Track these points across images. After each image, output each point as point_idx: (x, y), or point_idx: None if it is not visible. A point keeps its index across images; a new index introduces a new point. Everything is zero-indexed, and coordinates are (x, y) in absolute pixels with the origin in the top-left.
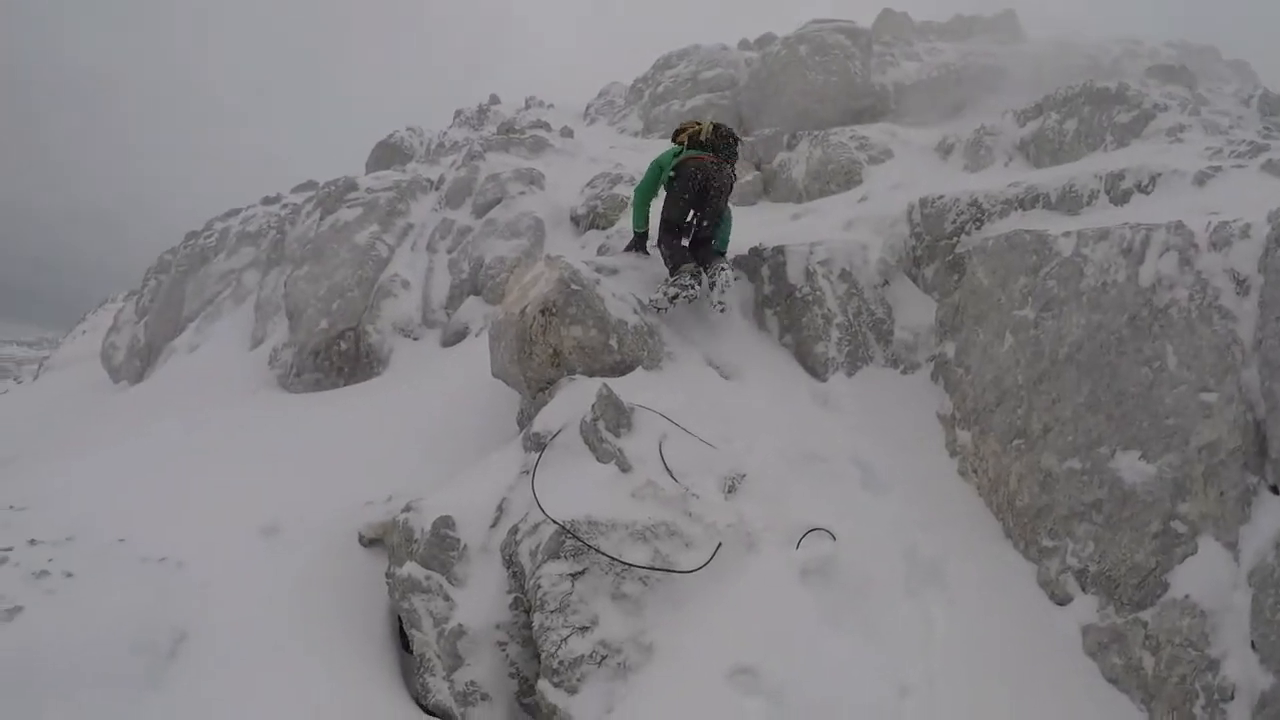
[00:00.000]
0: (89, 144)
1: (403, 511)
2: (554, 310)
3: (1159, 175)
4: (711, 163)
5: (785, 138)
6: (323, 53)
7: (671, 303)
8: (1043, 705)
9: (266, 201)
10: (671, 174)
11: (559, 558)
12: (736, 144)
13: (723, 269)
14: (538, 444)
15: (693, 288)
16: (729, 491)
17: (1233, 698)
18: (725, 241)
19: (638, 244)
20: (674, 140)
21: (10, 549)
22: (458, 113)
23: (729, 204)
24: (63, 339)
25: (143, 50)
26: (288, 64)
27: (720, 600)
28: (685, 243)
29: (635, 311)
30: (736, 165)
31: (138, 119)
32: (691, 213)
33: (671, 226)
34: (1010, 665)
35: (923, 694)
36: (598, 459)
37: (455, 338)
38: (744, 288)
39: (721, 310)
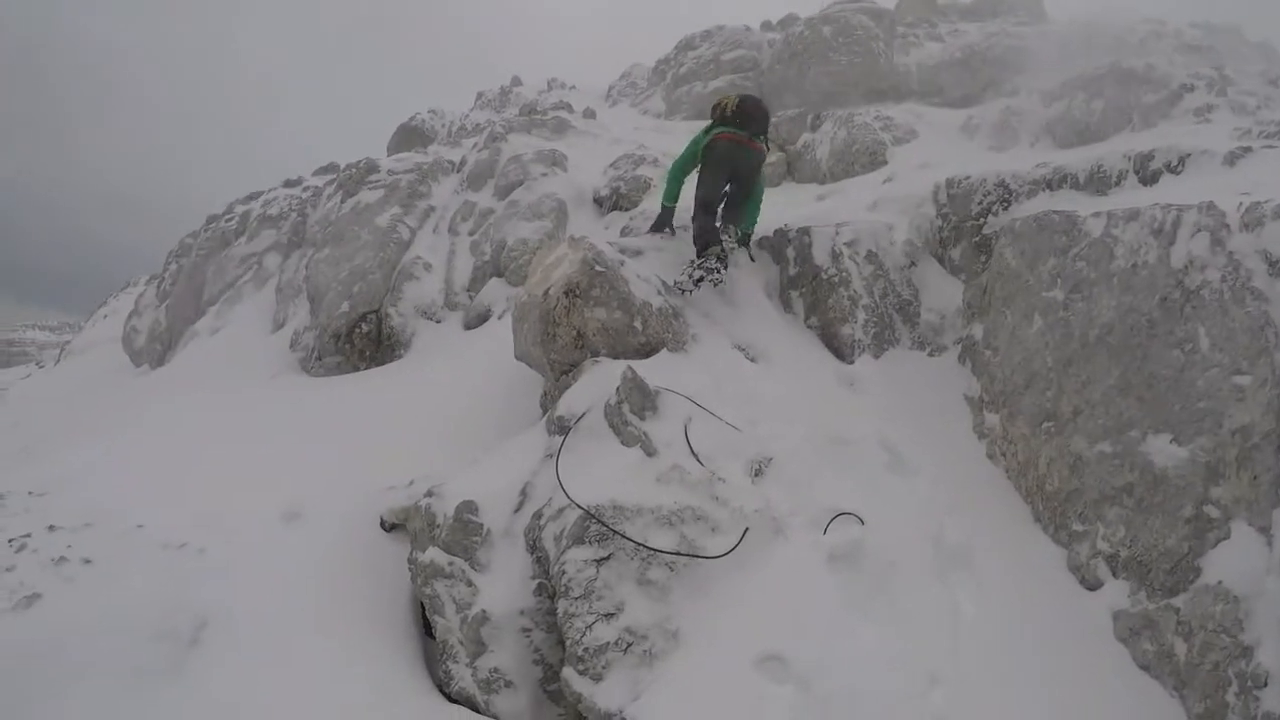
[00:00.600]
0: (108, 126)
1: (425, 496)
2: (578, 292)
3: (1188, 155)
4: (737, 140)
5: (809, 118)
6: (344, 36)
7: (696, 285)
8: (1073, 692)
9: (288, 184)
10: (704, 151)
11: (584, 543)
12: (766, 117)
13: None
14: (561, 427)
15: (718, 271)
16: (755, 475)
17: (1266, 685)
18: (753, 222)
19: (663, 221)
20: (711, 115)
21: (29, 535)
22: (479, 95)
23: (762, 183)
24: (84, 323)
25: (162, 31)
26: (309, 48)
27: (747, 586)
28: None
29: (659, 293)
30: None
31: (157, 101)
32: (725, 188)
33: (705, 204)
34: (1040, 651)
35: (951, 680)
36: (622, 443)
37: (478, 320)
38: (769, 269)
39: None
